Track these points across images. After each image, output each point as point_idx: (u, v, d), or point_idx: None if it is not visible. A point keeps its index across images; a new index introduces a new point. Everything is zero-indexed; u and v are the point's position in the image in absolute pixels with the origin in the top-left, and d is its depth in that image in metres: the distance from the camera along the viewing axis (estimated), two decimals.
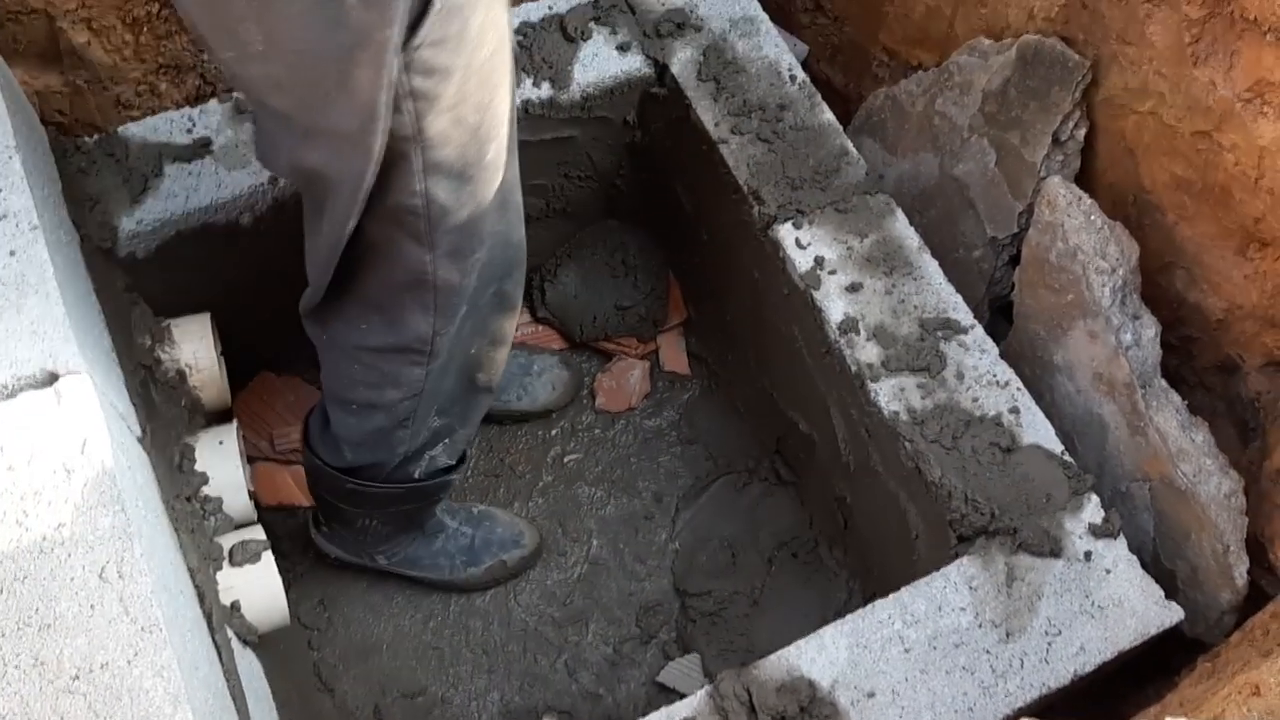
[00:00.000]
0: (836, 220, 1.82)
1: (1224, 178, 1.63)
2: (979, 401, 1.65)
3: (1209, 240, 1.71)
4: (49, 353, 1.40)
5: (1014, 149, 1.83)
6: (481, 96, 1.30)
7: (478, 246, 1.45)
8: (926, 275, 1.76)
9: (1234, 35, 1.55)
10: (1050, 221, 1.69)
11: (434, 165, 1.32)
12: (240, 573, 1.64)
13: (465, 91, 1.27)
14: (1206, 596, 1.58)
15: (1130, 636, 1.46)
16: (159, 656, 1.22)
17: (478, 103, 1.30)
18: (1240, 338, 1.71)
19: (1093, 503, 1.56)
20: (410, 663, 1.99)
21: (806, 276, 1.76)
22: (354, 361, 1.59)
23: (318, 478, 1.82)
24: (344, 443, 1.72)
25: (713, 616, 2.00)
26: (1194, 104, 1.63)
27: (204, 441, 1.74)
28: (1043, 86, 1.80)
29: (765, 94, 1.94)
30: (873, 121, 2.11)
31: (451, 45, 1.22)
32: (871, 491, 1.80)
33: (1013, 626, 1.47)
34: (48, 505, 1.29)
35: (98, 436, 1.34)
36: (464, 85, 1.26)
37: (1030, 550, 1.52)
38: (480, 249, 1.46)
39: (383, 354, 1.55)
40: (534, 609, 2.04)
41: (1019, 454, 1.60)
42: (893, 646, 1.46)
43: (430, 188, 1.33)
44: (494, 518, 2.07)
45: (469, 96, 1.28)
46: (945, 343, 1.70)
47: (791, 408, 2.03)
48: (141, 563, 1.26)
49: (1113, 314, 1.64)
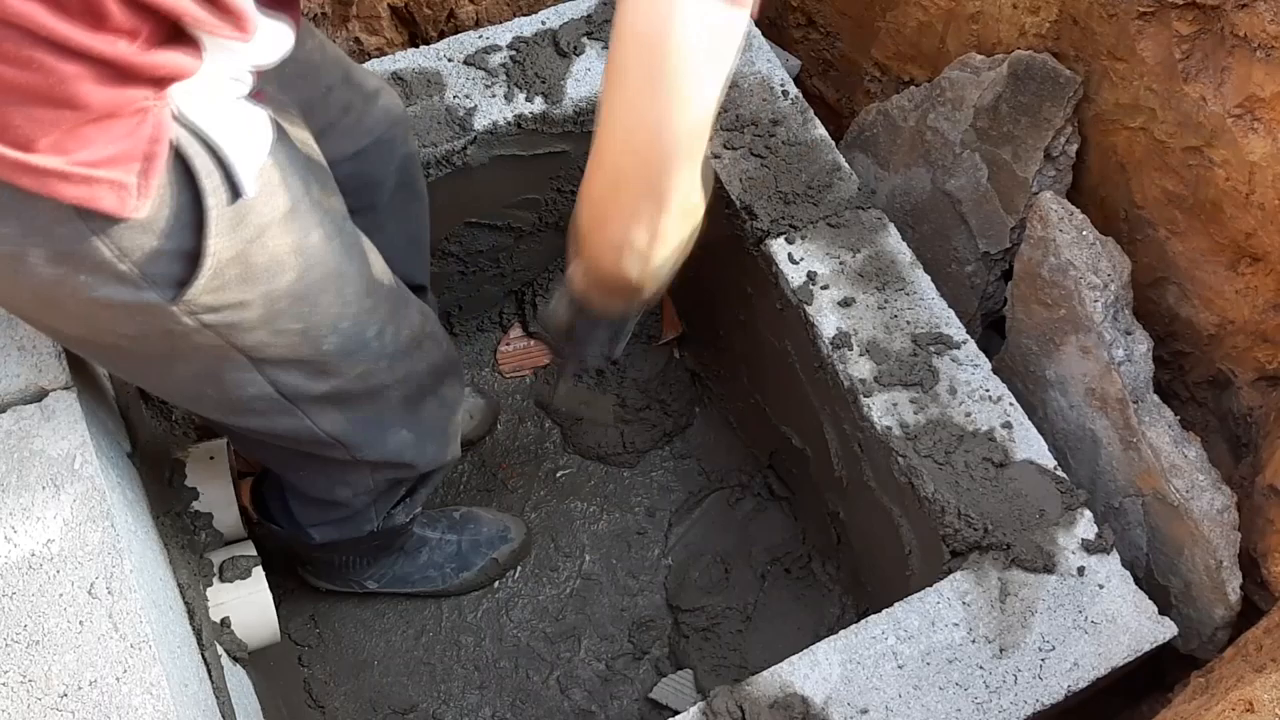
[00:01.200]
0: (829, 235, 1.82)
1: (1215, 193, 1.63)
2: (972, 416, 1.65)
3: (1200, 255, 1.71)
4: (38, 368, 1.40)
5: (1006, 164, 1.84)
6: (298, 309, 1.29)
7: (376, 393, 1.47)
8: (919, 290, 1.77)
9: (1224, 52, 1.56)
10: (1042, 237, 1.70)
11: (267, 364, 1.33)
12: (230, 589, 1.64)
13: (274, 312, 1.27)
14: (1200, 612, 1.57)
15: (1124, 652, 1.46)
16: (148, 673, 1.21)
17: (295, 314, 1.29)
18: (1232, 353, 1.72)
19: (1085, 518, 1.56)
20: (401, 679, 1.98)
21: (799, 291, 1.76)
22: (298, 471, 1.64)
23: (279, 539, 1.83)
24: (307, 526, 1.75)
25: (705, 632, 1.99)
26: (1185, 120, 1.64)
27: (194, 457, 1.73)
28: (1034, 102, 1.81)
29: (758, 109, 1.94)
30: (865, 137, 2.11)
31: (235, 286, 1.21)
32: (865, 507, 1.80)
33: (1006, 642, 1.47)
34: (36, 521, 1.28)
35: (86, 452, 1.33)
36: (270, 308, 1.26)
37: (1023, 566, 1.52)
38: (380, 396, 1.48)
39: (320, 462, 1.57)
40: (526, 624, 2.03)
41: (1012, 469, 1.60)
42: (886, 663, 1.45)
43: (276, 378, 1.36)
44: (477, 518, 2.06)
45: (280, 314, 1.28)
46: (938, 358, 1.70)
47: (784, 423, 2.02)
48: (131, 579, 1.26)
49: (1105, 329, 1.65)
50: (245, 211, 1.18)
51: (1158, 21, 1.64)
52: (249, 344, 1.31)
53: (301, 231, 1.25)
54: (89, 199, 1.04)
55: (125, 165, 1.06)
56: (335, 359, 1.38)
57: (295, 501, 1.73)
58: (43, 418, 1.36)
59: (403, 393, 1.51)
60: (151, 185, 1.08)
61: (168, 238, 1.13)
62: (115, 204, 1.06)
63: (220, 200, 1.15)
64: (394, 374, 1.47)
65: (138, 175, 1.07)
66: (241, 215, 1.18)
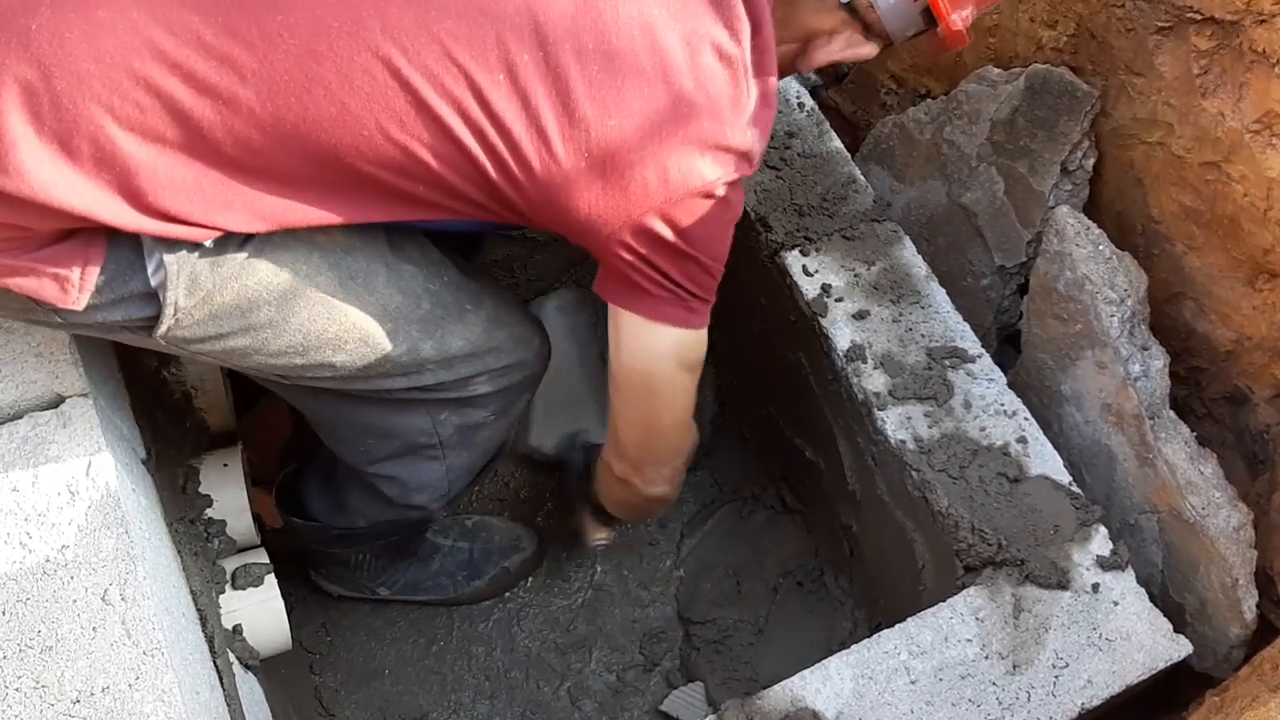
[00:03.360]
0: (844, 247, 1.82)
1: (1233, 209, 1.63)
2: (986, 431, 1.64)
3: (1218, 271, 1.70)
4: (55, 375, 1.41)
5: (1022, 178, 1.83)
6: (288, 340, 1.37)
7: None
8: (934, 303, 1.76)
9: (1243, 67, 1.55)
10: (1058, 251, 1.69)
11: (277, 371, 1.44)
12: (243, 596, 1.64)
13: (261, 341, 1.36)
14: (1215, 630, 1.56)
15: (1138, 670, 1.45)
16: (160, 680, 1.21)
17: (286, 344, 1.37)
18: (1249, 369, 1.71)
19: (1101, 534, 1.55)
20: (412, 688, 1.98)
21: (813, 304, 1.76)
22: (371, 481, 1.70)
23: (302, 533, 1.85)
24: (360, 516, 1.77)
25: (717, 645, 1.98)
26: (1203, 135, 1.63)
27: (208, 464, 1.74)
28: (1051, 116, 1.80)
29: (773, 121, 1.94)
30: (881, 149, 2.11)
31: (203, 325, 1.32)
32: (878, 520, 1.79)
33: (1020, 659, 1.46)
34: (51, 527, 1.29)
35: (102, 459, 1.34)
36: (255, 338, 1.35)
37: (1037, 582, 1.51)
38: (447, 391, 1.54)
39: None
40: (537, 635, 2.03)
41: (1026, 484, 1.59)
42: (898, 678, 1.45)
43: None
44: (490, 527, 2.06)
45: (269, 343, 1.37)
46: (953, 371, 1.69)
47: (798, 435, 2.02)
48: (144, 585, 1.26)
49: (1121, 344, 1.64)
50: (206, 262, 1.28)
51: (1176, 36, 1.64)
52: (250, 366, 1.42)
53: (271, 270, 1.32)
54: (36, 290, 1.23)
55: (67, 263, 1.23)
56: (352, 372, 1.44)
57: (360, 497, 1.75)
58: (59, 424, 1.37)
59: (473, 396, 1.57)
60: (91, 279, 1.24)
61: (123, 296, 1.28)
62: (57, 295, 1.24)
63: (177, 256, 1.26)
64: (451, 374, 1.51)
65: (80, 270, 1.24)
66: (202, 265, 1.27)
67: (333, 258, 1.36)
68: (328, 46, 1.17)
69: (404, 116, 1.20)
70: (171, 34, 1.15)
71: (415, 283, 1.44)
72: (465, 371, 1.52)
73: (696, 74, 1.25)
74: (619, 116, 1.23)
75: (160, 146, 1.18)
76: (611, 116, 1.22)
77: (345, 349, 1.40)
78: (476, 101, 1.21)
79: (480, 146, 1.23)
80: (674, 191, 1.27)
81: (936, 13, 1.34)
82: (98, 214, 1.18)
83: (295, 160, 1.21)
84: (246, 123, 1.18)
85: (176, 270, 1.26)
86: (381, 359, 1.43)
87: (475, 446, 1.66)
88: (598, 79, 1.22)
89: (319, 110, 1.18)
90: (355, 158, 1.22)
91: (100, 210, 1.18)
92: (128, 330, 1.33)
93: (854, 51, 1.41)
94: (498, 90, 1.20)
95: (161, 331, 1.30)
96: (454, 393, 1.54)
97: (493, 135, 1.22)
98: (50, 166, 1.15)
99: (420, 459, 1.63)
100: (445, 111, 1.20)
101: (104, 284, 1.25)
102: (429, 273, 1.46)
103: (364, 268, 1.39)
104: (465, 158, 1.24)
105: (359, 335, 1.40)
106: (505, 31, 1.20)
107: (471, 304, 1.51)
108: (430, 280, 1.46)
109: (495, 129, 1.22)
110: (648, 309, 1.39)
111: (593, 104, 1.22)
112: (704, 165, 1.27)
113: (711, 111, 1.26)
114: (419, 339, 1.44)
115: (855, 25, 1.38)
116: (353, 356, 1.41)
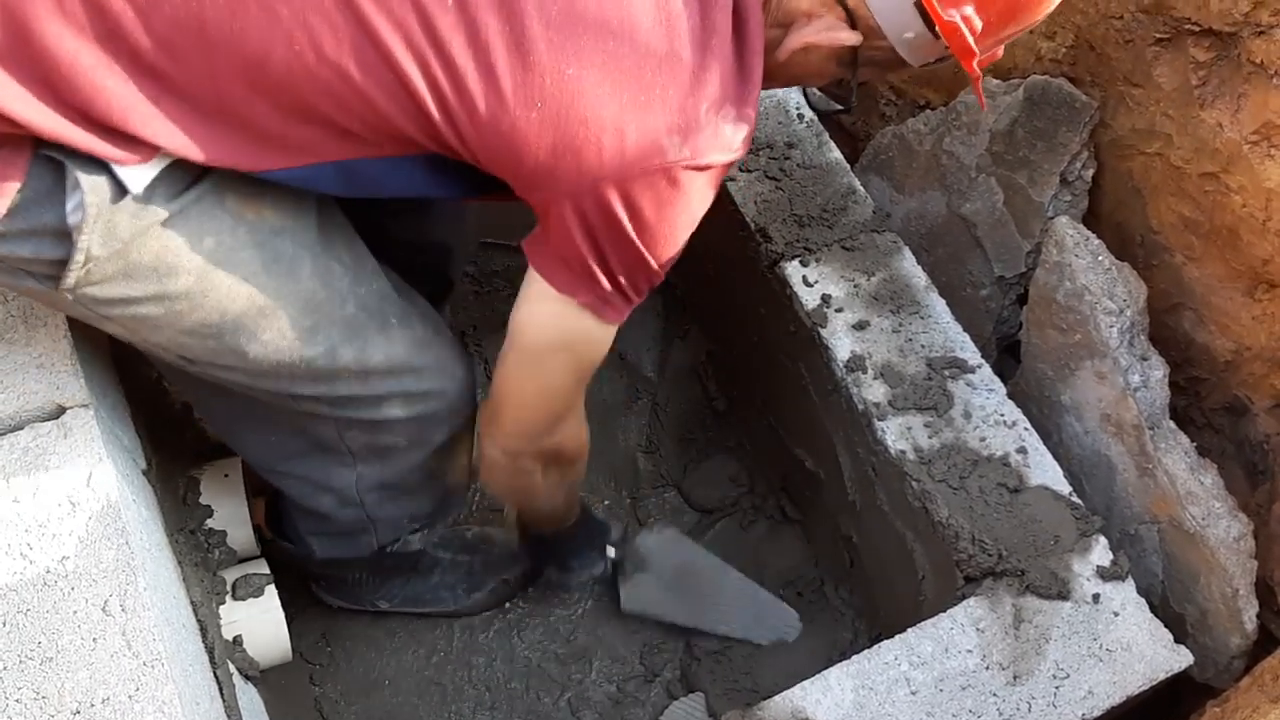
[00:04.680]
0: (844, 258, 1.82)
1: (1231, 219, 1.63)
2: (986, 441, 1.64)
3: (1217, 281, 1.71)
4: (56, 385, 1.41)
5: (1021, 188, 1.84)
6: (203, 316, 1.30)
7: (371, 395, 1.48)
8: (934, 314, 1.76)
9: (1241, 79, 1.56)
10: (1058, 261, 1.69)
11: (196, 364, 1.38)
12: (243, 607, 1.64)
13: (173, 313, 1.29)
14: (1216, 641, 1.56)
15: (1139, 681, 1.45)
16: (161, 691, 1.21)
17: (201, 320, 1.30)
18: (1249, 379, 1.71)
19: (1101, 545, 1.55)
20: (412, 699, 1.97)
21: (813, 314, 1.76)
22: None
23: (291, 557, 1.83)
24: (309, 543, 1.75)
25: (717, 655, 1.98)
26: (1201, 146, 1.64)
27: (209, 474, 1.74)
28: (1050, 127, 1.81)
29: (773, 131, 1.95)
30: (880, 160, 2.12)
31: (115, 283, 1.24)
32: (878, 530, 1.79)
33: (1020, 669, 1.46)
34: (52, 538, 1.29)
35: (103, 470, 1.34)
36: (169, 308, 1.28)
37: (1038, 592, 1.51)
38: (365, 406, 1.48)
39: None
40: (537, 646, 2.03)
41: (1026, 494, 1.59)
42: (899, 688, 1.45)
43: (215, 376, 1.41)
44: (490, 539, 2.05)
45: (182, 317, 1.29)
46: (952, 381, 1.70)
47: (798, 445, 2.02)
48: (145, 597, 1.26)
49: (1121, 355, 1.64)
50: (128, 210, 1.19)
51: (1174, 48, 1.64)
52: (159, 341, 1.33)
53: (194, 236, 1.24)
54: None
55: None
56: (264, 368, 1.37)
57: (291, 511, 1.73)
58: (60, 434, 1.37)
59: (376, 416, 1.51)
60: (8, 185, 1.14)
61: (35, 228, 1.18)
62: None
63: (100, 198, 1.17)
64: (366, 389, 1.46)
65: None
66: (123, 213, 1.19)
67: (260, 235, 1.29)
68: None
69: (338, 30, 1.11)
70: None
71: (342, 283, 1.38)
72: (380, 389, 1.46)
73: (670, 36, 1.17)
74: (578, 66, 1.14)
75: (82, 39, 1.10)
76: (570, 65, 1.14)
77: (261, 338, 1.33)
78: (419, 22, 1.12)
79: (422, 76, 1.14)
80: (632, 162, 1.17)
81: (926, 4, 1.22)
82: (12, 109, 1.09)
83: (221, 77, 1.13)
84: (169, 23, 1.10)
85: (96, 212, 1.17)
86: (297, 358, 1.36)
87: (389, 464, 1.59)
88: (557, 22, 1.13)
89: (246, 15, 1.10)
90: (285, 74, 1.13)
91: (16, 105, 1.10)
92: (34, 277, 1.24)
93: (831, 35, 1.27)
94: (445, 17, 1.12)
95: (69, 283, 1.22)
96: (365, 412, 1.48)
97: (435, 66, 1.13)
98: None
99: (329, 460, 1.57)
100: (384, 29, 1.12)
101: (17, 207, 1.16)
102: (357, 276, 1.40)
103: (290, 253, 1.32)
104: (404, 88, 1.15)
105: (278, 325, 1.33)
106: None
107: (398, 319, 1.45)
108: (358, 284, 1.40)
109: (439, 59, 1.13)
110: (566, 284, 1.29)
111: (549, 48, 1.13)
112: (669, 140, 1.18)
113: (682, 80, 1.17)
114: (339, 342, 1.38)
115: (837, 10, 1.27)
116: (268, 349, 1.34)
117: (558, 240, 1.26)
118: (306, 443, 1.54)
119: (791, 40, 1.29)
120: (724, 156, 1.23)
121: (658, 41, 1.16)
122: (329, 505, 1.64)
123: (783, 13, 1.29)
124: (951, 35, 1.24)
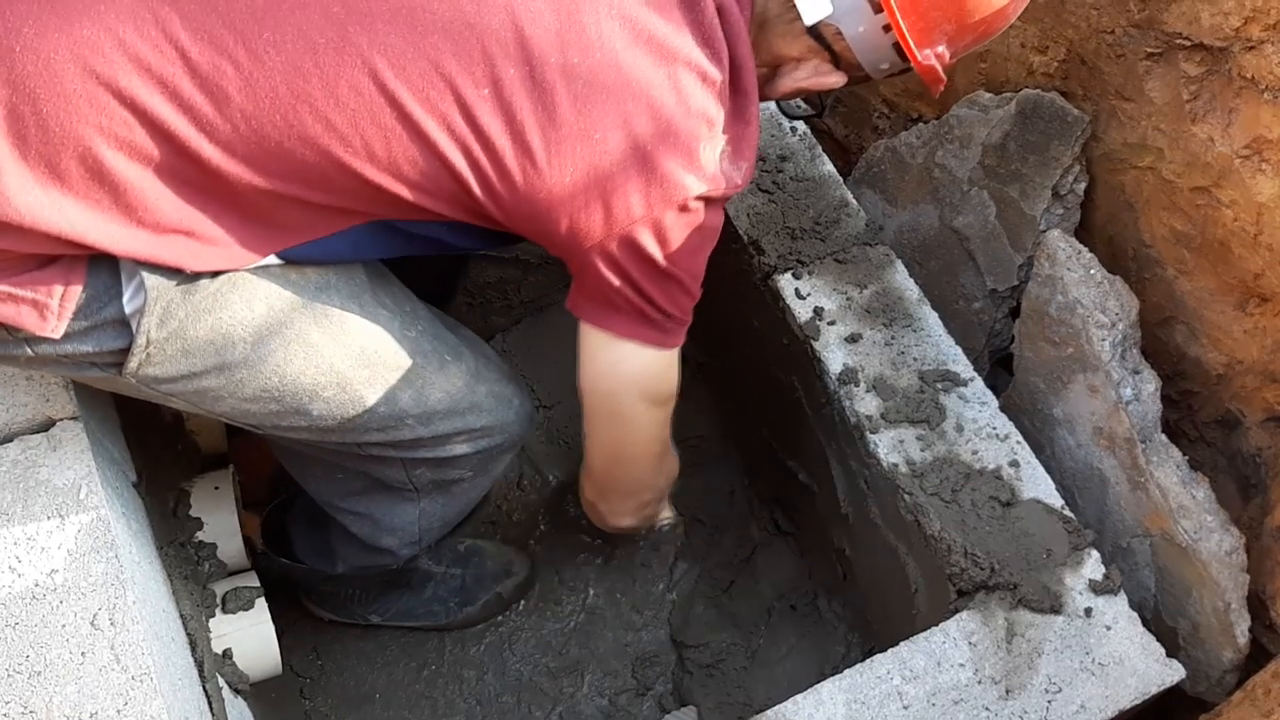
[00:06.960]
0: (836, 271, 1.82)
1: (1223, 233, 1.64)
2: (979, 454, 1.64)
3: (1209, 295, 1.71)
4: (45, 398, 1.40)
5: (1014, 202, 1.84)
6: (263, 382, 1.35)
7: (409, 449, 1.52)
8: (926, 327, 1.76)
9: (1232, 93, 1.56)
10: (1050, 275, 1.70)
11: (268, 428, 1.43)
12: (233, 620, 1.63)
13: (235, 383, 1.34)
14: (1208, 654, 1.56)
15: (1131, 695, 1.45)
16: (149, 706, 1.21)
17: (261, 387, 1.35)
18: (1241, 393, 1.71)
19: (1093, 558, 1.55)
20: (403, 713, 1.97)
21: (806, 327, 1.76)
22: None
23: (289, 574, 1.84)
24: (341, 560, 1.77)
25: (710, 669, 1.98)
26: (1193, 160, 1.64)
27: (199, 487, 1.73)
28: (1042, 140, 1.81)
29: (766, 144, 1.95)
30: (873, 173, 2.12)
31: (175, 361, 1.29)
32: (871, 544, 1.79)
33: (1012, 683, 1.45)
34: (41, 551, 1.28)
35: (92, 482, 1.33)
36: (229, 379, 1.33)
37: (1030, 606, 1.51)
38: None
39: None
40: (529, 659, 2.02)
41: (1019, 508, 1.59)
42: (891, 703, 1.44)
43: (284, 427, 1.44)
44: (482, 552, 2.05)
45: (243, 385, 1.34)
46: (945, 395, 1.69)
47: (791, 457, 2.02)
48: (134, 610, 1.26)
49: (1113, 368, 1.64)
50: (181, 290, 1.26)
51: (1166, 62, 1.65)
52: (224, 411, 1.38)
53: (245, 305, 1.30)
54: (13, 318, 1.22)
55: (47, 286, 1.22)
56: (329, 424, 1.41)
57: (337, 539, 1.75)
58: (49, 447, 1.36)
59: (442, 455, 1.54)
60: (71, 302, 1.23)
61: (96, 323, 1.26)
62: (35, 322, 1.22)
63: (155, 284, 1.24)
64: (429, 431, 1.49)
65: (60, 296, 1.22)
66: (177, 294, 1.25)
67: (306, 294, 1.34)
68: (314, 63, 1.17)
69: (389, 133, 1.20)
70: (158, 50, 1.15)
71: (392, 327, 1.42)
72: (444, 429, 1.49)
73: (678, 91, 1.27)
74: (604, 130, 1.24)
75: (146, 165, 1.18)
76: (596, 130, 1.24)
77: (322, 396, 1.38)
78: (462, 116, 1.21)
79: (465, 162, 1.23)
80: (657, 204, 1.28)
81: (904, 47, 1.34)
82: (86, 235, 1.17)
83: (273, 181, 1.21)
84: (228, 141, 1.18)
85: (155, 297, 1.24)
86: (359, 411, 1.41)
87: (452, 497, 1.64)
88: (582, 94, 1.23)
89: (304, 128, 1.18)
90: (337, 174, 1.21)
91: (89, 231, 1.17)
92: (97, 367, 1.30)
93: (819, 80, 1.40)
94: (483, 105, 1.21)
95: (132, 367, 1.28)
96: (430, 451, 1.52)
97: (477, 150, 1.23)
98: (36, 190, 1.14)
99: (393, 498, 1.61)
100: (431, 127, 1.20)
101: (81, 308, 1.23)
102: (404, 319, 1.45)
103: (338, 305, 1.37)
104: (449, 174, 1.24)
105: (336, 381, 1.37)
106: (491, 46, 1.20)
107: (451, 355, 1.49)
108: (407, 328, 1.44)
109: (480, 144, 1.23)
110: (619, 326, 1.40)
111: (578, 118, 1.23)
112: (688, 179, 1.29)
113: (692, 128, 1.28)
114: (397, 389, 1.42)
115: (823, 54, 1.38)
116: (330, 405, 1.39)
117: (599, 288, 1.36)
118: (371, 481, 1.59)
119: (783, 85, 1.42)
120: (733, 188, 1.35)
121: (669, 95, 1.26)
122: (390, 543, 1.69)
123: (770, 55, 1.40)
124: (927, 73, 1.38)
